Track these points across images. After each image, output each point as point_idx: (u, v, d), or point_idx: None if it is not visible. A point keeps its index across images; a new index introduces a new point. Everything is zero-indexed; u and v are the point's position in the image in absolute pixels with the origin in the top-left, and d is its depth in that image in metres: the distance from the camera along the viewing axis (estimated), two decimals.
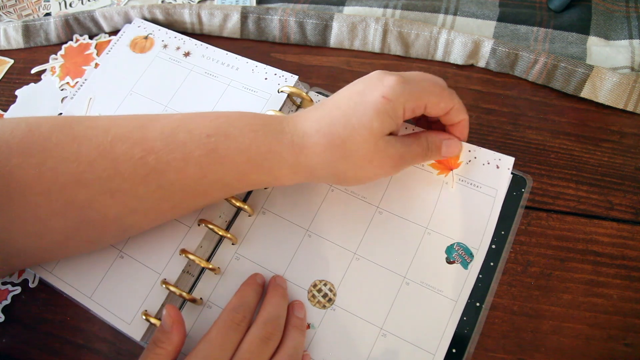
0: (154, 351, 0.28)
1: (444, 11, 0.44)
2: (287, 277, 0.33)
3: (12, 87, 0.44)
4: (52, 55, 0.46)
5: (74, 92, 0.42)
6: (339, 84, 0.42)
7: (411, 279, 0.33)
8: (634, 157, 0.37)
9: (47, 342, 0.34)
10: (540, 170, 0.37)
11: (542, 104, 0.40)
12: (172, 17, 0.44)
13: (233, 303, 0.31)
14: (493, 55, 0.40)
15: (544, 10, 0.44)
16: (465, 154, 0.35)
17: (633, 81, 0.37)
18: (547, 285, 0.33)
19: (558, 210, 0.36)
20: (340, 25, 0.42)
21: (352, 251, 0.34)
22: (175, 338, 0.28)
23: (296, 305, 0.32)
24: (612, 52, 0.41)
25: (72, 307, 0.35)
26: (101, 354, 0.33)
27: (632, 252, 0.34)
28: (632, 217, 0.35)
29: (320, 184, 0.35)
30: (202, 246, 0.34)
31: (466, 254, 0.33)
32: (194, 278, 0.34)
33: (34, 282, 0.36)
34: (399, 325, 0.32)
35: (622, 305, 0.32)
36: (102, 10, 0.45)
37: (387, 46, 0.43)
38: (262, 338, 0.29)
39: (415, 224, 0.34)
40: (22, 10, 0.49)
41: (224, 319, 0.30)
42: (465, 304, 0.32)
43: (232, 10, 0.44)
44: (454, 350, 0.31)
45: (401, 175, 0.35)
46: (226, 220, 0.35)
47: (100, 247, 0.33)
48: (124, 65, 0.42)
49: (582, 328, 0.32)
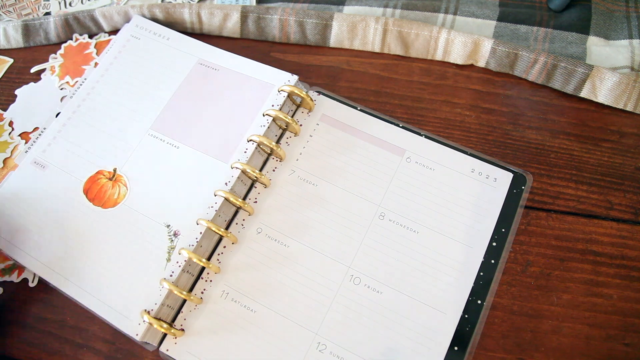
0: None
1: (443, 11, 0.44)
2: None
3: (11, 86, 0.44)
4: (52, 54, 0.46)
5: (74, 91, 0.42)
6: (339, 84, 0.42)
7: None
8: (634, 157, 0.37)
9: (46, 342, 0.34)
10: (540, 170, 0.37)
11: (542, 103, 0.40)
12: (172, 16, 0.44)
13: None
14: (493, 55, 0.40)
15: (543, 10, 0.44)
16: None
17: (633, 81, 0.37)
18: (547, 285, 0.33)
19: (558, 210, 0.36)
20: (340, 25, 0.42)
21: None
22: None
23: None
24: (612, 52, 0.41)
25: (71, 306, 0.35)
26: (101, 353, 0.33)
27: (631, 252, 0.34)
28: (631, 217, 0.35)
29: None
30: (202, 245, 0.34)
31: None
32: (194, 277, 0.34)
33: (34, 281, 0.36)
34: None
35: (621, 305, 0.32)
36: (102, 9, 0.45)
37: (387, 46, 0.43)
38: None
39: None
40: (21, 9, 0.49)
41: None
42: (465, 302, 0.32)
43: (232, 9, 0.44)
44: (456, 347, 0.31)
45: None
46: (226, 219, 0.35)
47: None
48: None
49: (582, 328, 0.32)
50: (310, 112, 0.39)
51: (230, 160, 0.36)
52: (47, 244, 0.35)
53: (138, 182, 0.37)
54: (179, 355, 0.32)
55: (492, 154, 0.38)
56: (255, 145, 0.36)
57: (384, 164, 0.37)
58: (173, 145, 0.38)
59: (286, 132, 0.38)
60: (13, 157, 0.40)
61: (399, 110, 0.40)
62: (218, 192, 0.34)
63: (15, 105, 0.43)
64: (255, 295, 0.33)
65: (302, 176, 0.37)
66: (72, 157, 0.38)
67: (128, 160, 0.38)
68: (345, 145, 0.38)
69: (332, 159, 0.37)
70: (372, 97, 0.41)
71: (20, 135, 0.42)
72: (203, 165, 0.37)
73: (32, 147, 0.40)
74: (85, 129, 0.39)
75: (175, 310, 0.33)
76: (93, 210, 0.36)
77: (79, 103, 0.41)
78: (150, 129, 0.39)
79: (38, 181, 0.38)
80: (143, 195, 0.36)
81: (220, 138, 0.37)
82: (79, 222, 0.36)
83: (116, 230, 0.35)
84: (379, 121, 0.38)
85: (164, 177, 0.37)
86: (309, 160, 0.37)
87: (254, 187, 0.37)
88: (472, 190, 0.35)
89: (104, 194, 0.37)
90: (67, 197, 0.37)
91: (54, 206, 0.37)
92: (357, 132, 0.38)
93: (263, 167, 0.37)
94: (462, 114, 0.40)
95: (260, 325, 0.32)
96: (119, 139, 0.39)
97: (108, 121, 0.40)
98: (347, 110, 0.39)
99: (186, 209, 0.35)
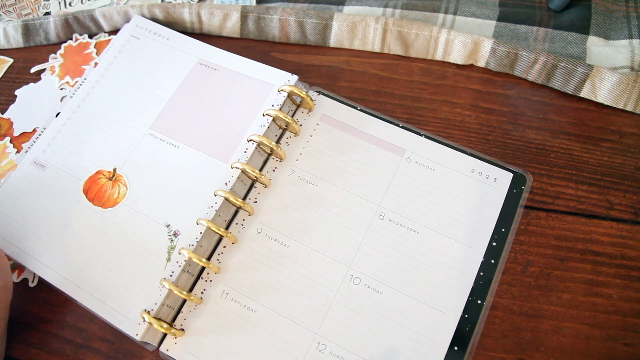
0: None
1: (443, 11, 0.44)
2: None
3: (11, 86, 0.44)
4: (52, 54, 0.46)
5: (74, 91, 0.42)
6: (339, 84, 0.42)
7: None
8: (634, 156, 0.37)
9: (46, 342, 0.34)
10: (540, 170, 0.37)
11: (542, 103, 0.40)
12: (172, 16, 0.44)
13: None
14: (493, 54, 0.40)
15: (543, 10, 0.44)
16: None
17: (633, 81, 0.37)
18: (547, 284, 0.33)
19: (558, 210, 0.36)
20: (340, 25, 0.42)
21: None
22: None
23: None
24: (611, 52, 0.41)
25: (71, 306, 0.35)
26: (101, 353, 0.33)
27: (631, 251, 0.34)
28: (631, 216, 0.35)
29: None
30: (202, 245, 0.34)
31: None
32: (194, 277, 0.34)
33: (34, 281, 0.36)
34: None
35: (621, 305, 0.32)
36: (102, 9, 0.45)
37: (386, 46, 0.43)
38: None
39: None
40: (21, 9, 0.49)
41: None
42: (465, 302, 0.32)
43: (231, 9, 0.44)
44: (456, 347, 0.31)
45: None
46: (226, 219, 0.35)
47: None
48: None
49: (582, 328, 0.32)
50: (310, 112, 0.39)
51: (230, 160, 0.36)
52: (47, 244, 0.35)
53: (138, 181, 0.37)
54: (179, 355, 0.32)
55: (492, 154, 0.38)
56: (255, 145, 0.36)
57: (384, 163, 0.37)
58: (173, 145, 0.38)
59: (286, 132, 0.38)
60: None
61: (399, 110, 0.40)
62: (218, 192, 0.34)
63: (15, 106, 0.43)
64: (255, 295, 0.33)
65: (302, 176, 0.37)
66: (72, 157, 0.38)
67: (128, 160, 0.38)
68: (345, 145, 0.38)
69: (332, 159, 0.37)
70: (372, 97, 0.41)
71: (20, 135, 0.42)
72: (203, 165, 0.37)
73: (32, 147, 0.40)
74: (85, 128, 0.39)
75: (175, 310, 0.33)
76: (93, 210, 0.36)
77: (79, 103, 0.41)
78: (150, 129, 0.39)
79: (38, 181, 0.38)
80: (143, 195, 0.36)
81: (220, 138, 0.37)
82: (78, 222, 0.36)
83: (116, 230, 0.35)
84: (379, 121, 0.38)
85: (164, 177, 0.37)
86: (309, 160, 0.37)
87: (254, 187, 0.37)
88: (472, 190, 0.35)
89: (104, 194, 0.37)
90: (67, 197, 0.37)
91: (54, 206, 0.37)
92: (357, 132, 0.38)
93: (263, 167, 0.37)
94: (462, 114, 0.40)
95: (260, 325, 0.32)
96: (119, 138, 0.39)
97: (108, 121, 0.40)
98: (347, 110, 0.39)
99: (186, 209, 0.35)
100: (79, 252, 0.35)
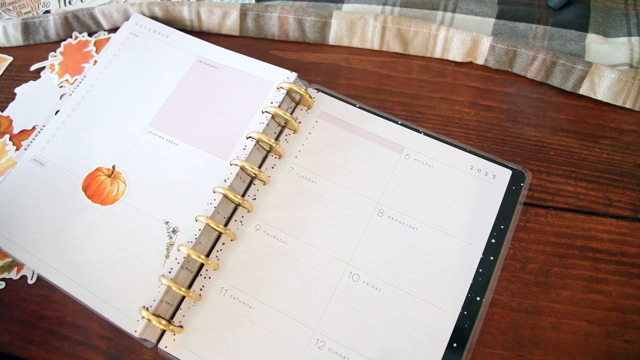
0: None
1: (442, 8, 0.44)
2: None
3: (11, 84, 0.44)
4: (51, 52, 0.46)
5: (73, 89, 0.42)
6: (338, 81, 0.42)
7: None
8: (633, 153, 0.37)
9: (45, 339, 0.34)
10: (539, 167, 0.37)
11: (541, 100, 0.40)
12: (171, 14, 0.44)
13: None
14: (492, 52, 0.40)
15: (542, 8, 0.44)
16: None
17: (632, 78, 0.37)
18: (546, 281, 0.33)
19: (557, 207, 0.36)
20: (339, 23, 0.42)
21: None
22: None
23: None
24: (610, 50, 0.41)
25: (70, 303, 0.35)
26: (99, 350, 0.33)
27: (630, 248, 0.34)
28: (630, 213, 0.35)
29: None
30: (201, 242, 0.34)
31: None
32: (193, 274, 0.34)
33: (33, 278, 0.36)
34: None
35: (621, 302, 0.32)
36: (102, 7, 0.45)
37: (385, 43, 0.43)
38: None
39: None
40: (21, 7, 0.49)
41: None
42: (464, 299, 0.32)
43: (231, 7, 0.44)
44: (455, 344, 0.31)
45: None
46: (224, 216, 0.35)
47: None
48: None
49: (581, 324, 0.32)
50: (309, 110, 0.39)
51: (229, 157, 0.36)
52: (46, 241, 0.35)
53: (137, 179, 0.37)
54: (177, 352, 0.32)
55: (491, 151, 0.38)
56: (254, 142, 0.36)
57: (383, 161, 0.37)
58: (172, 142, 0.38)
59: (285, 129, 0.38)
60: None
61: (398, 108, 0.40)
62: (217, 188, 0.34)
63: (15, 104, 0.43)
64: (254, 292, 0.33)
65: (301, 173, 0.37)
66: (71, 154, 0.38)
67: (127, 157, 0.38)
68: (344, 142, 0.38)
69: (331, 156, 0.37)
70: (371, 95, 0.41)
71: (19, 133, 0.42)
72: (202, 162, 0.37)
73: (31, 145, 0.40)
74: (84, 126, 0.40)
75: (174, 306, 0.33)
76: (92, 207, 0.36)
77: (78, 101, 0.41)
78: (149, 126, 0.39)
79: (37, 178, 0.38)
80: (142, 192, 0.36)
81: (219, 135, 0.37)
82: (77, 219, 0.36)
83: (115, 227, 0.35)
84: (378, 118, 0.38)
85: (163, 174, 0.37)
86: (308, 157, 0.37)
87: (252, 184, 0.37)
88: (471, 187, 0.35)
89: (103, 191, 0.37)
90: (66, 194, 0.37)
91: (53, 203, 0.37)
92: (356, 129, 0.38)
93: (262, 164, 0.37)
94: (461, 111, 0.40)
95: (259, 322, 0.32)
96: (118, 136, 0.39)
97: (107, 118, 0.40)
98: (346, 107, 0.39)
99: (185, 206, 0.35)
100: (78, 249, 0.35)
